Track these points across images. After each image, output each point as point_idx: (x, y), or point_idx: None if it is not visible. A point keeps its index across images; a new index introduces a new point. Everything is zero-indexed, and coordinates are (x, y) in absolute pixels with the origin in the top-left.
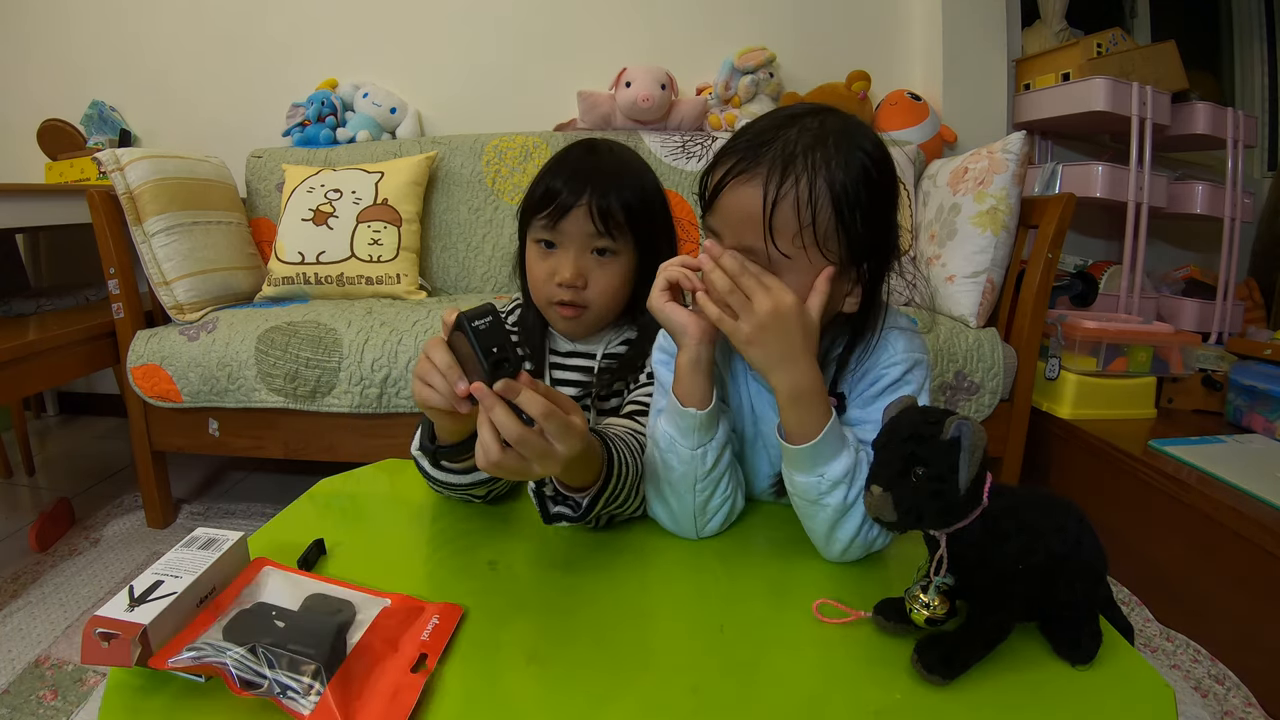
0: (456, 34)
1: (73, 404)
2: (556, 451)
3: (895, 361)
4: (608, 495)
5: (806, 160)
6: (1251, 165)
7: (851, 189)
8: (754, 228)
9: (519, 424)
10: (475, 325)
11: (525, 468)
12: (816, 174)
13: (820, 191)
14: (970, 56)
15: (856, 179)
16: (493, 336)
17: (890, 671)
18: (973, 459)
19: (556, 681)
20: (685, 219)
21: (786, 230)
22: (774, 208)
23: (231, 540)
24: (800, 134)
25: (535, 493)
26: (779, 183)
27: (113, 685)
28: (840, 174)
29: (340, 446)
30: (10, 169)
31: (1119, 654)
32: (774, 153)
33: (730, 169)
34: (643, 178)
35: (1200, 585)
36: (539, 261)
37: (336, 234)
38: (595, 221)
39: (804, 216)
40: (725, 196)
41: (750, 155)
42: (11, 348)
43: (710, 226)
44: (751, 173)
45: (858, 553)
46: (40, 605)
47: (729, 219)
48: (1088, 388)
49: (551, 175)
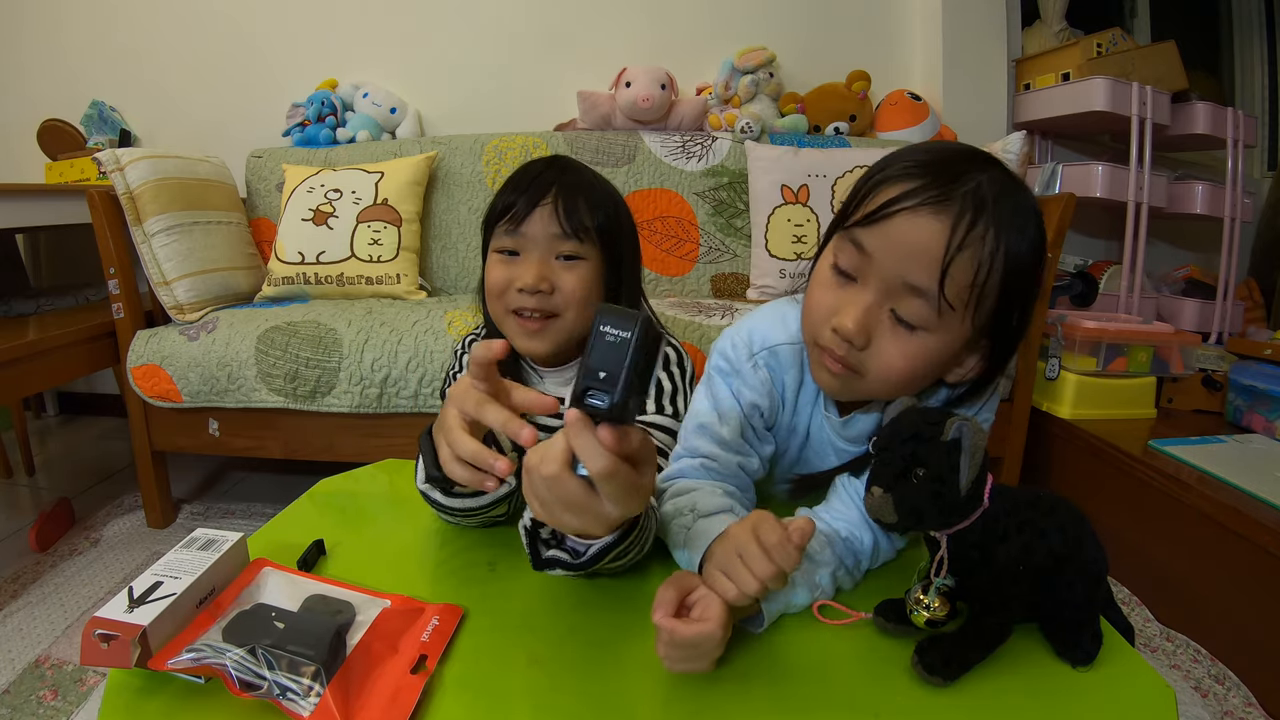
0: (457, 34)
1: (73, 404)
2: (606, 512)
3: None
4: (619, 550)
5: (996, 214)
6: (1251, 165)
7: (1023, 259)
8: (927, 267)
9: (563, 464)
10: (604, 331)
11: (556, 512)
12: (1002, 232)
13: (1000, 254)
14: (970, 56)
15: (1029, 250)
16: (612, 358)
17: (890, 672)
18: (973, 460)
19: (556, 683)
20: (685, 219)
21: (959, 281)
22: (957, 252)
23: (231, 541)
24: (990, 182)
25: (528, 532)
26: (969, 228)
27: (112, 686)
28: (1017, 238)
29: (340, 446)
30: (10, 169)
31: (1119, 654)
32: (968, 191)
33: (914, 192)
34: (608, 188)
35: (1200, 585)
36: (499, 269)
37: (336, 234)
38: (561, 221)
39: (980, 275)
40: (900, 221)
41: (940, 185)
42: (11, 348)
43: (860, 243)
44: (940, 206)
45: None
46: (40, 605)
47: (898, 246)
48: (1088, 388)
49: (514, 182)
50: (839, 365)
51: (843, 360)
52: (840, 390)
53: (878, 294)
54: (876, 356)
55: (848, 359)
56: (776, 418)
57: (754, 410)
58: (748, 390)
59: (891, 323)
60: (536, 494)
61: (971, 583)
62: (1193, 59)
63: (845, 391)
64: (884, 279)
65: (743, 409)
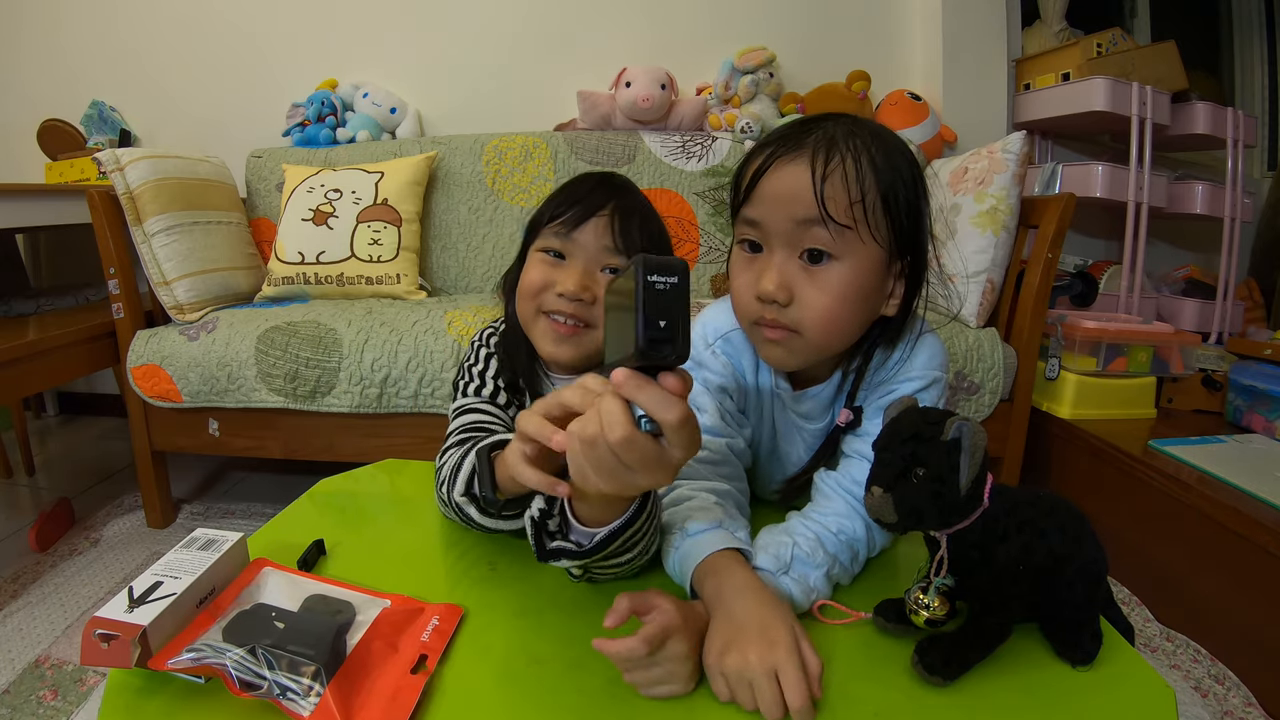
0: (457, 34)
1: (73, 404)
2: (674, 459)
3: (912, 377)
4: (627, 536)
5: (849, 144)
6: (1251, 165)
7: (893, 174)
8: (805, 201)
9: (630, 424)
10: (653, 281)
11: (626, 476)
12: (860, 155)
13: (866, 170)
14: (970, 56)
15: (896, 166)
16: (667, 304)
17: (890, 672)
18: (973, 460)
19: (557, 683)
20: (685, 218)
21: (839, 203)
22: (824, 182)
23: (231, 541)
24: (836, 126)
25: (534, 523)
26: (825, 160)
27: (112, 686)
28: (881, 159)
29: (340, 446)
30: (10, 169)
31: (1119, 654)
32: (815, 139)
33: (770, 154)
34: (659, 217)
35: (1200, 585)
36: (540, 269)
37: (336, 234)
38: (615, 234)
39: (854, 192)
40: (768, 180)
41: (790, 141)
42: (11, 348)
43: (749, 218)
44: (795, 154)
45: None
46: (40, 605)
47: (776, 199)
48: (1088, 388)
49: (572, 188)
50: (777, 331)
51: (775, 322)
52: (788, 358)
53: (782, 249)
54: (805, 305)
55: (780, 319)
56: (745, 400)
57: (722, 394)
58: (714, 376)
59: (805, 269)
60: (602, 463)
61: (971, 583)
62: (1193, 59)
63: (794, 358)
64: (780, 233)
65: (712, 394)
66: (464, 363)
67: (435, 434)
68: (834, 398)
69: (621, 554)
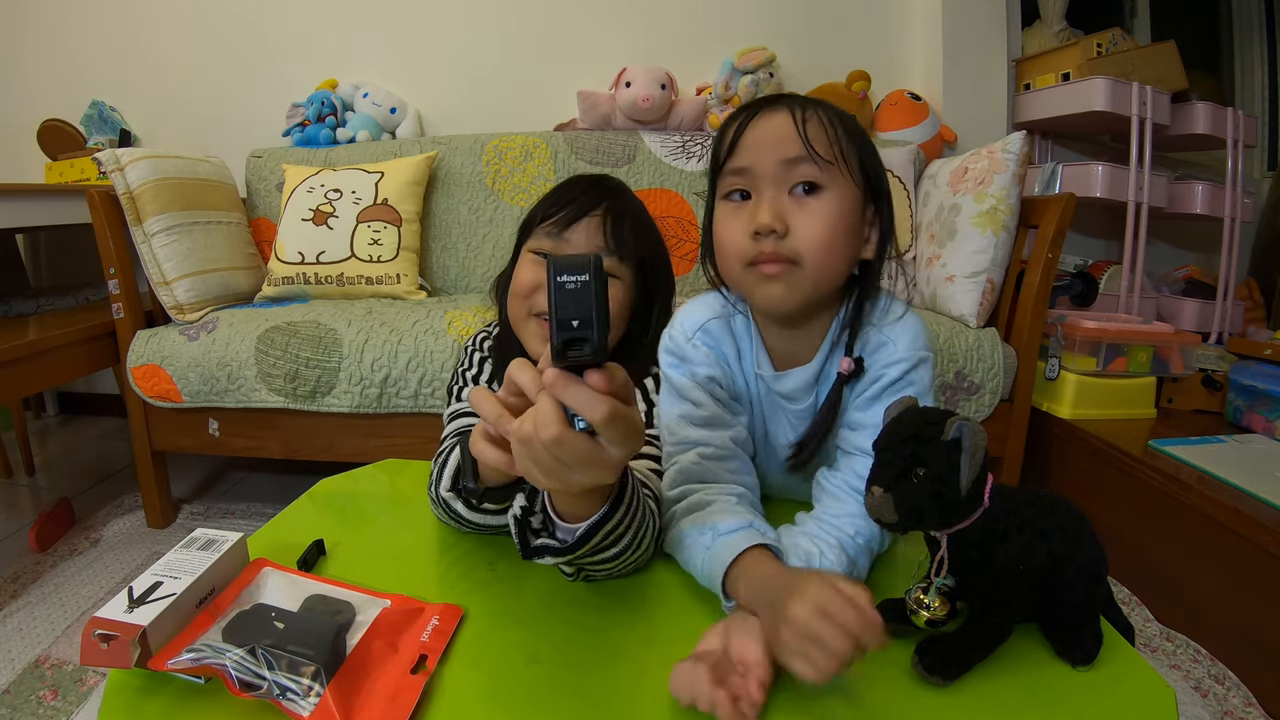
0: (456, 34)
1: (73, 404)
2: (611, 457)
3: (897, 359)
4: (608, 530)
5: (817, 106)
6: (1251, 165)
7: (858, 132)
8: (791, 141)
9: (562, 423)
10: (563, 281)
11: (564, 474)
12: (829, 112)
13: (837, 122)
14: (970, 56)
15: (856, 128)
16: (580, 304)
17: (891, 672)
18: (973, 460)
19: (557, 683)
20: (685, 218)
21: (820, 142)
22: (805, 124)
23: (231, 541)
24: (803, 98)
25: (518, 521)
26: (803, 111)
27: (112, 686)
28: (844, 120)
29: (340, 446)
30: (10, 169)
31: (1119, 655)
32: (786, 100)
33: (749, 112)
34: (652, 221)
35: (1200, 585)
36: (532, 270)
37: (336, 234)
38: (606, 235)
39: (831, 135)
40: (752, 130)
41: (765, 102)
42: (11, 348)
43: (736, 168)
44: (773, 108)
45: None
46: (40, 605)
47: (762, 144)
48: (1088, 388)
49: (564, 190)
50: (776, 264)
51: (775, 255)
52: (787, 294)
53: (772, 187)
54: (800, 235)
55: (779, 251)
56: (732, 385)
57: (711, 383)
58: (699, 368)
59: (797, 201)
60: (539, 463)
61: (971, 583)
62: (1193, 59)
63: (793, 292)
64: (769, 174)
65: (703, 385)
66: (458, 367)
67: (435, 434)
68: (817, 375)
69: (607, 549)
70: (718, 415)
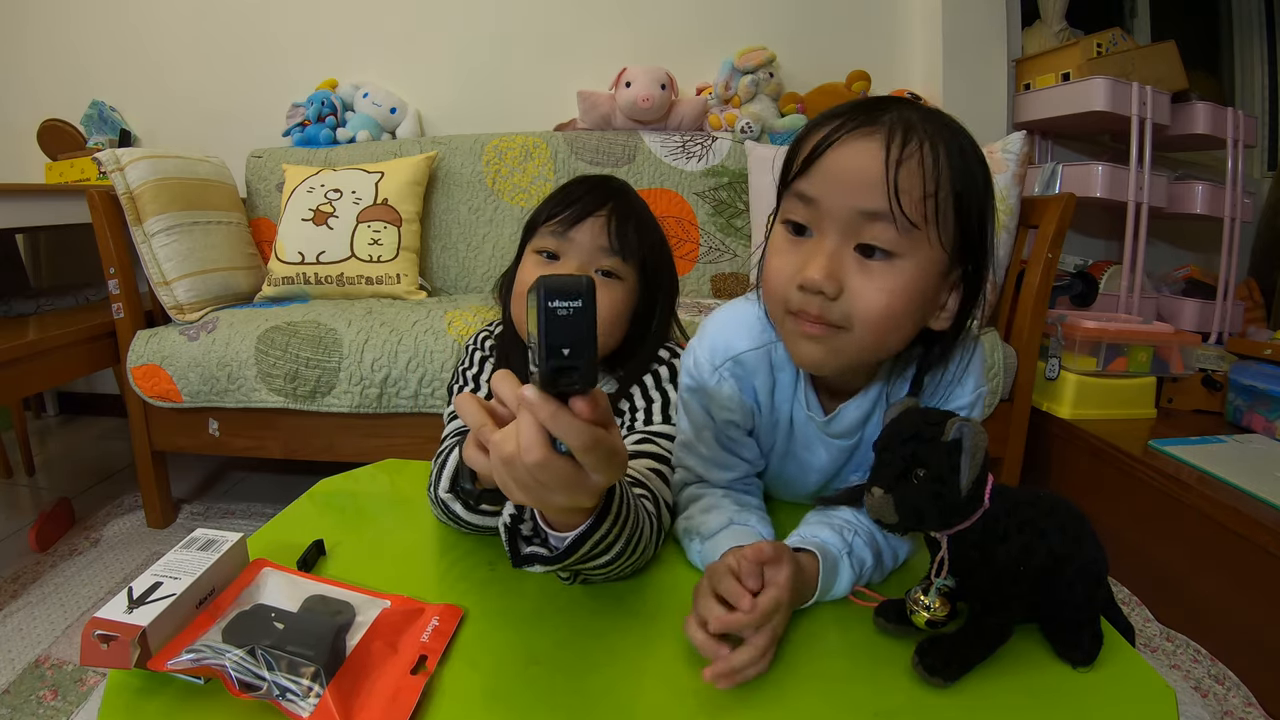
0: (456, 34)
1: (73, 404)
2: (592, 482)
3: (964, 403)
4: (596, 539)
5: (926, 130)
6: (1251, 165)
7: (967, 171)
8: (875, 189)
9: (546, 447)
10: (554, 307)
11: (544, 494)
12: (938, 145)
13: (943, 163)
14: (970, 56)
15: (970, 164)
16: (570, 330)
17: (891, 673)
18: (974, 460)
19: (556, 683)
20: (685, 218)
21: (911, 196)
22: (898, 167)
23: (231, 541)
24: (910, 109)
25: (508, 528)
26: (902, 144)
27: (112, 686)
28: (956, 153)
29: (340, 446)
30: (10, 169)
31: (1120, 655)
32: (890, 118)
33: (839, 126)
34: (657, 223)
35: (1200, 585)
36: (534, 269)
37: (336, 234)
38: (610, 236)
39: (929, 185)
40: (835, 153)
41: (862, 116)
42: (11, 348)
43: (804, 194)
44: (868, 130)
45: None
46: (40, 605)
47: (841, 179)
48: (1088, 388)
49: (569, 189)
50: (817, 326)
51: (819, 318)
52: (826, 358)
53: (836, 235)
54: (854, 300)
55: (824, 314)
56: (755, 422)
57: (728, 425)
58: (718, 409)
59: (859, 262)
60: (520, 482)
61: (972, 583)
62: (1193, 59)
63: (831, 358)
64: (838, 218)
65: (717, 426)
66: (458, 366)
67: (435, 434)
68: (869, 413)
69: (598, 557)
70: (719, 455)
